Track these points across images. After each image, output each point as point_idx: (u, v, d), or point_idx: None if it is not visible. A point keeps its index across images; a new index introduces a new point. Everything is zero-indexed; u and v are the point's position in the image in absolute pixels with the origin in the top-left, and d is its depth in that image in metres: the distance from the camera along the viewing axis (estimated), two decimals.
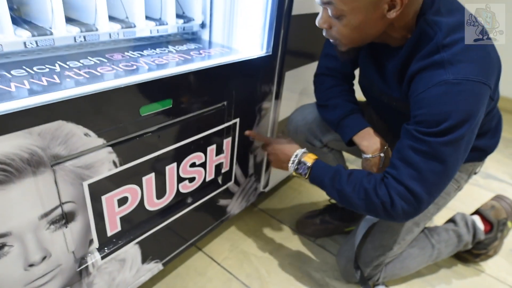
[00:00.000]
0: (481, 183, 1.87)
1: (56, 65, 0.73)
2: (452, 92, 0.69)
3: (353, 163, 1.76)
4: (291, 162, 0.94)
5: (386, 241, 1.05)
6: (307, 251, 1.27)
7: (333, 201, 1.36)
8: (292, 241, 1.31)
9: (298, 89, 1.22)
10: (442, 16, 0.74)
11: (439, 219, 1.30)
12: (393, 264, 1.10)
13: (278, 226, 1.37)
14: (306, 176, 0.92)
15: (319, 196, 1.56)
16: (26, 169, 0.58)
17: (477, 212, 1.22)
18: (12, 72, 0.67)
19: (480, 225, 1.18)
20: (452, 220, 1.20)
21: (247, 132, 1.04)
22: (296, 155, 0.93)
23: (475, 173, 1.06)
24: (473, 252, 1.23)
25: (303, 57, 1.20)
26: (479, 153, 0.99)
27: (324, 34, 0.83)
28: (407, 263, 1.10)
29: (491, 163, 2.08)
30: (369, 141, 0.92)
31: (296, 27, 1.06)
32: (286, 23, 1.01)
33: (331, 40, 0.84)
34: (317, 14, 0.80)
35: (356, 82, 1.08)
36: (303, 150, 0.95)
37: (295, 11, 1.02)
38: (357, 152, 1.04)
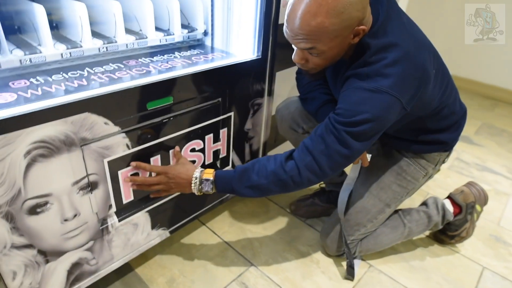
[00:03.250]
0: (475, 175, 1.95)
1: (85, 70, 0.94)
2: (364, 96, 0.85)
3: None
4: (193, 184, 0.97)
5: (360, 220, 1.22)
6: (297, 229, 1.45)
7: (322, 185, 1.53)
8: (285, 221, 1.49)
9: (289, 86, 1.40)
10: (375, 38, 0.87)
11: (417, 203, 1.44)
12: (367, 240, 1.26)
13: (274, 208, 1.55)
14: (213, 191, 0.97)
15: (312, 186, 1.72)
16: (63, 147, 0.79)
17: (448, 196, 1.36)
18: (52, 77, 0.89)
19: (450, 207, 1.31)
20: (424, 203, 1.33)
21: (133, 163, 0.96)
22: (196, 177, 0.97)
23: (444, 162, 1.20)
24: (448, 234, 1.37)
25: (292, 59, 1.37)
26: (443, 145, 1.14)
27: (299, 66, 0.96)
28: (380, 239, 1.26)
29: (491, 156, 2.14)
30: None
31: (284, 34, 1.23)
32: (274, 31, 1.19)
33: (303, 69, 0.96)
34: None
35: None
36: (200, 169, 0.98)
37: (282, 20, 1.19)
38: None
